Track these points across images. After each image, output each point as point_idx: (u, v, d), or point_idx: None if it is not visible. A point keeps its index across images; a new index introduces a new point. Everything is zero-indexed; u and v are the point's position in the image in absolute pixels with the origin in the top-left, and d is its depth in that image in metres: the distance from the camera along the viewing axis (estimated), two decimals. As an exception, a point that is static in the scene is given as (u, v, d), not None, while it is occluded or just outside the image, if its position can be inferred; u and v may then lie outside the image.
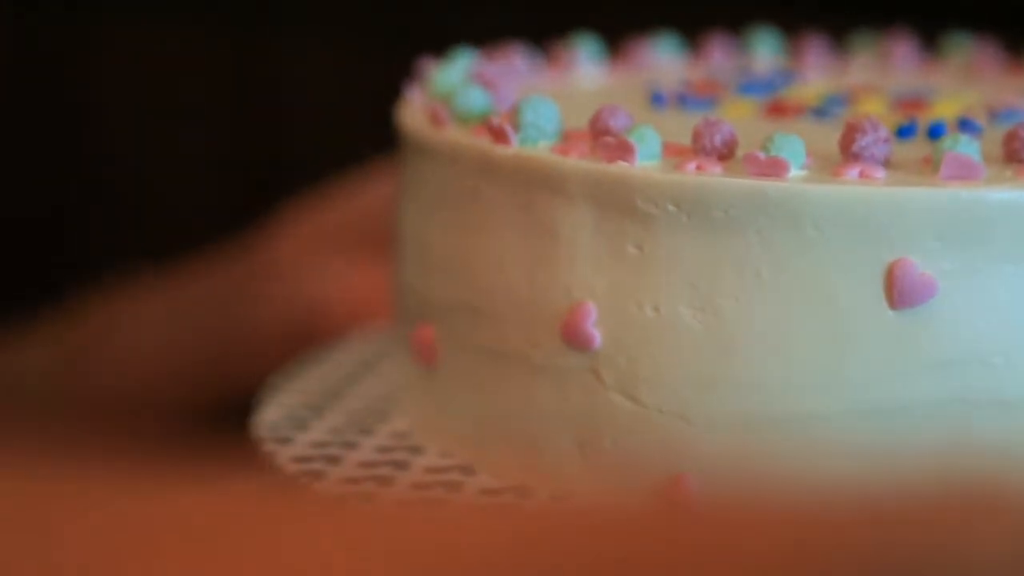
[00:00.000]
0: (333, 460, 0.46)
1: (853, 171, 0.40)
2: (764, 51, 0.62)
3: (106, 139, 1.09)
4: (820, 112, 0.50)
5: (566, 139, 0.44)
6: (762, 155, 0.40)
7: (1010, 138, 0.42)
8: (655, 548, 0.22)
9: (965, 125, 0.45)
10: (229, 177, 1.08)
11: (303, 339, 0.58)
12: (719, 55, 0.61)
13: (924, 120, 0.47)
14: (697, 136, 0.42)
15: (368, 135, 0.62)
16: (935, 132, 0.45)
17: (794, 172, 0.40)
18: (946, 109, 0.50)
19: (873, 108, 0.51)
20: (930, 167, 0.41)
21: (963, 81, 0.58)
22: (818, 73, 0.60)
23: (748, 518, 0.23)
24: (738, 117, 0.47)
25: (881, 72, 0.61)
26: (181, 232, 0.81)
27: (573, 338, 0.42)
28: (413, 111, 0.50)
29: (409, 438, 0.48)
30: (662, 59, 0.61)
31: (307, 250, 0.65)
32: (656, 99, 0.51)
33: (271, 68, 1.05)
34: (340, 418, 0.49)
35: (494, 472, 0.45)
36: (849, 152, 0.41)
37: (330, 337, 0.57)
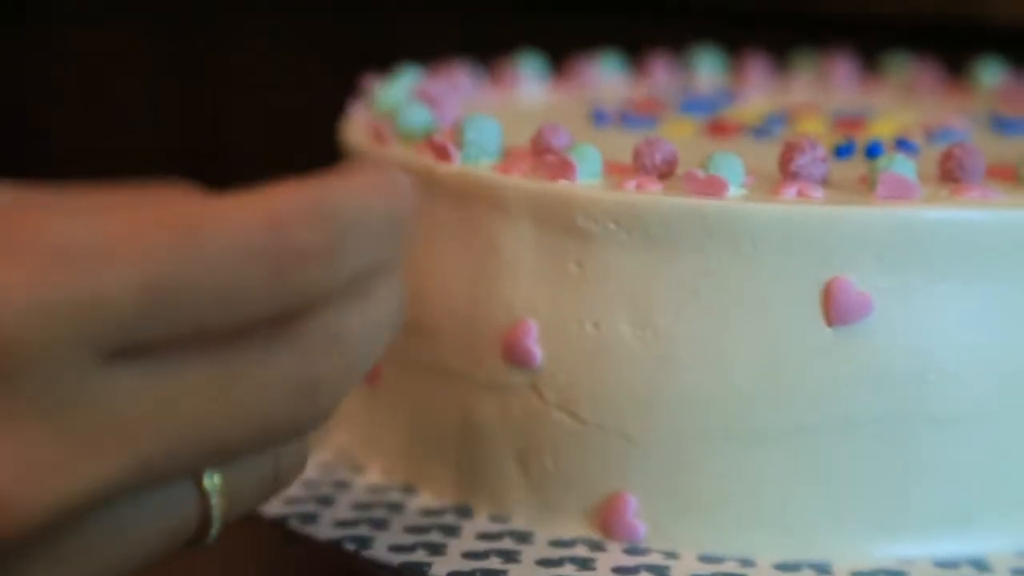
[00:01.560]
0: (275, 477, 0.46)
1: (791, 190, 0.41)
2: (706, 70, 0.63)
3: (49, 140, 1.09)
4: (760, 131, 0.50)
5: (508, 157, 0.44)
6: (701, 174, 0.41)
7: (946, 158, 0.42)
8: None
9: (902, 145, 0.46)
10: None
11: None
12: (661, 74, 0.62)
13: (862, 139, 0.48)
14: (638, 155, 0.42)
15: (313, 148, 0.62)
16: (872, 151, 0.45)
17: (733, 191, 0.41)
18: (884, 128, 0.51)
19: (812, 127, 0.51)
20: (867, 186, 0.41)
21: (901, 101, 0.59)
22: (759, 92, 0.60)
23: None
24: (679, 136, 0.48)
25: (821, 91, 0.61)
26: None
27: (514, 355, 0.42)
28: (357, 127, 0.50)
29: (351, 455, 0.48)
30: (605, 77, 0.61)
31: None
32: (598, 117, 0.52)
33: (217, 79, 1.05)
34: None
35: (435, 490, 0.45)
36: (788, 171, 0.41)
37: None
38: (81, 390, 0.29)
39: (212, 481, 0.33)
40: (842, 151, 0.46)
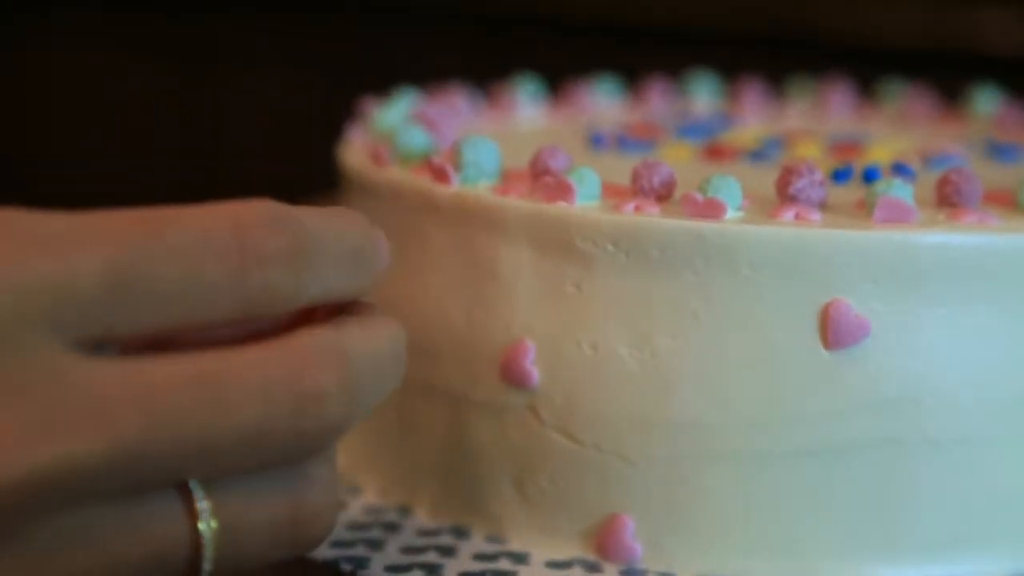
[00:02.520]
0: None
1: (789, 213, 0.41)
2: (702, 95, 0.63)
3: (51, 167, 1.09)
4: (757, 155, 0.50)
5: (506, 179, 0.44)
6: (699, 196, 0.41)
7: (943, 183, 0.42)
8: None
9: (899, 169, 0.46)
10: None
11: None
12: (658, 98, 0.62)
13: (859, 164, 0.48)
14: (636, 177, 0.42)
15: (311, 172, 0.62)
16: (870, 176, 0.45)
17: (731, 213, 0.41)
18: (881, 154, 0.51)
19: (809, 152, 0.51)
20: (864, 210, 0.41)
21: (898, 127, 0.59)
22: (756, 117, 0.60)
23: None
24: (676, 160, 0.48)
25: (817, 117, 0.62)
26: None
27: (511, 376, 0.42)
28: (355, 150, 0.50)
29: (347, 476, 0.48)
30: (602, 102, 0.61)
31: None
32: (595, 141, 0.52)
33: (216, 102, 1.05)
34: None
35: (431, 510, 0.45)
36: (785, 194, 0.41)
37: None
38: (50, 371, 0.29)
39: (206, 511, 0.32)
40: (840, 175, 0.46)
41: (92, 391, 0.30)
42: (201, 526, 0.32)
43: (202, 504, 0.32)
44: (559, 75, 0.64)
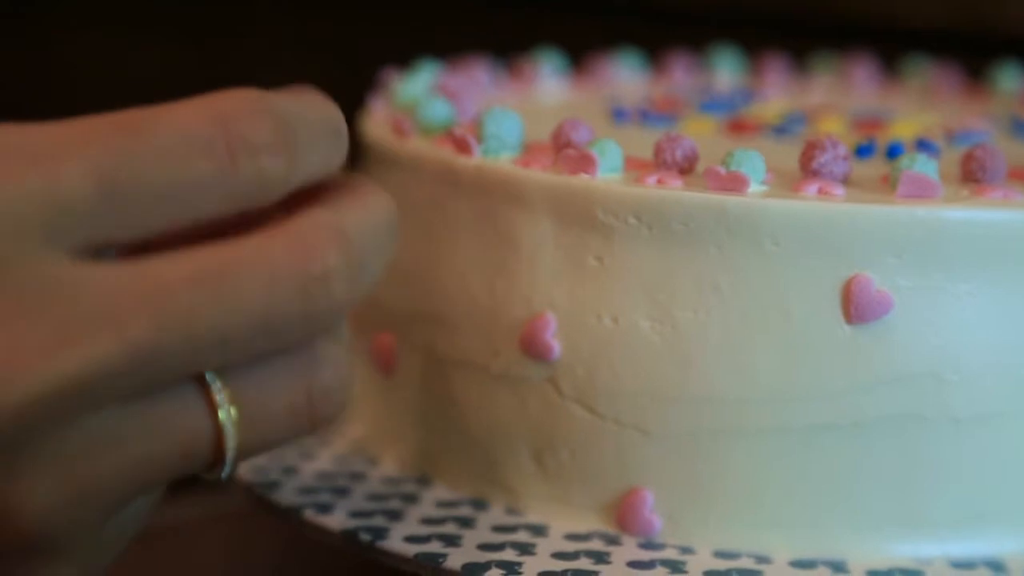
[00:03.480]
0: (290, 471, 0.46)
1: (812, 187, 0.41)
2: (725, 70, 0.63)
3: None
4: (780, 130, 0.50)
5: (528, 151, 0.44)
6: (722, 170, 0.41)
7: (967, 158, 0.42)
8: None
9: (923, 145, 0.46)
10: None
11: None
12: (681, 73, 0.62)
13: (882, 140, 0.48)
14: (659, 150, 0.42)
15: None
16: (893, 151, 0.45)
17: (754, 187, 0.41)
18: (904, 130, 0.51)
19: (832, 127, 0.51)
20: (888, 185, 0.41)
21: (921, 103, 0.59)
22: (778, 92, 0.60)
23: None
24: (699, 134, 0.48)
25: (841, 92, 0.61)
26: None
27: (532, 348, 0.42)
28: (376, 122, 0.50)
29: (366, 447, 0.48)
30: (624, 75, 0.61)
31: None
32: (618, 114, 0.52)
33: (238, 78, 1.05)
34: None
35: (450, 482, 0.45)
36: (809, 169, 0.41)
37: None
38: (55, 282, 0.30)
39: (225, 403, 0.32)
40: (863, 151, 0.46)
41: (100, 296, 0.30)
42: (221, 415, 0.32)
43: (220, 395, 0.32)
44: (581, 49, 0.64)
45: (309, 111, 0.33)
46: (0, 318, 0.29)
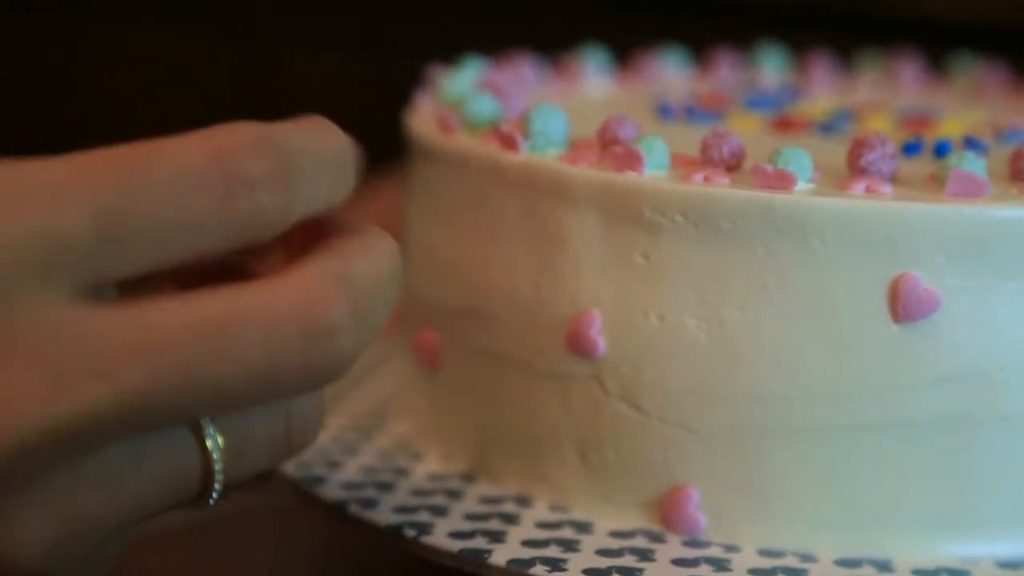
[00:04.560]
0: (335, 466, 0.46)
1: (860, 186, 0.41)
2: (771, 66, 0.62)
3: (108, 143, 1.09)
4: (827, 128, 0.50)
5: (574, 148, 0.44)
6: (770, 168, 0.41)
7: (1016, 157, 0.42)
8: None
9: (971, 143, 0.45)
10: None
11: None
12: (726, 70, 0.62)
13: (930, 138, 0.47)
14: (705, 147, 0.42)
15: (376, 141, 0.62)
16: (941, 150, 0.45)
17: (801, 185, 0.41)
18: (952, 128, 0.50)
19: (879, 125, 0.51)
20: (936, 183, 0.41)
21: (969, 101, 0.59)
22: (824, 89, 0.60)
23: None
24: (745, 131, 0.48)
25: (887, 90, 0.61)
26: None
27: (577, 345, 0.42)
28: (422, 118, 0.50)
29: (410, 442, 0.48)
30: (669, 72, 0.61)
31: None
32: (663, 111, 0.52)
33: (278, 75, 1.05)
34: (343, 419, 0.49)
35: (495, 478, 0.45)
36: (856, 167, 0.41)
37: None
38: (51, 324, 0.29)
39: (214, 438, 0.33)
40: (911, 148, 0.45)
41: (95, 342, 0.30)
42: (210, 448, 0.33)
43: (210, 430, 0.33)
44: (627, 45, 0.64)
45: (313, 144, 0.33)
46: None
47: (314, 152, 0.33)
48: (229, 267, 0.35)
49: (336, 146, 0.34)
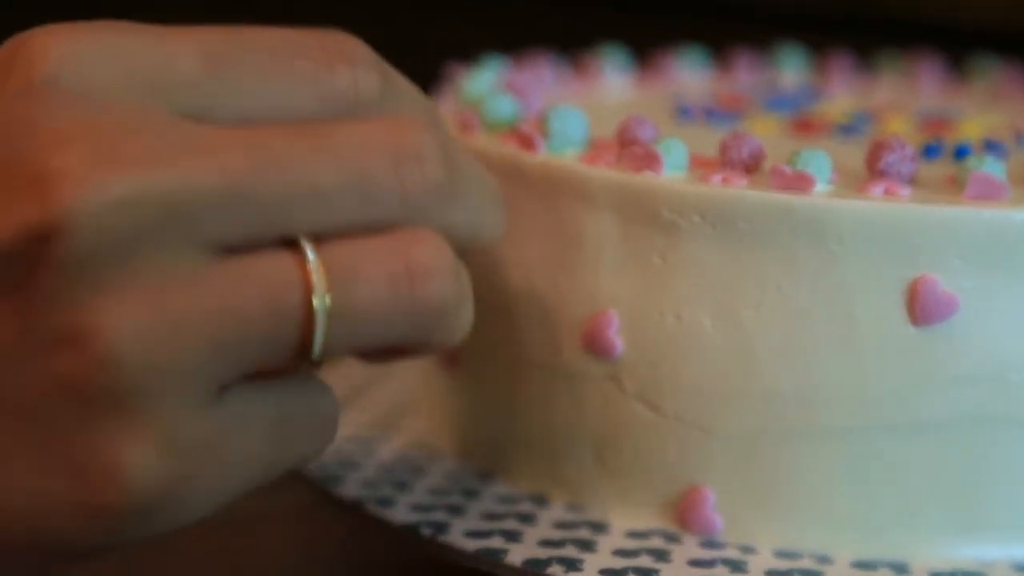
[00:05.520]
0: (352, 465, 0.46)
1: (878, 188, 0.41)
2: (790, 68, 0.62)
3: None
4: (846, 129, 0.50)
5: (593, 148, 0.44)
6: (788, 169, 0.41)
7: (1035, 159, 0.42)
8: None
9: (991, 146, 0.45)
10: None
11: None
12: (745, 71, 0.62)
13: (950, 140, 0.47)
14: (724, 148, 0.42)
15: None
16: (961, 152, 0.45)
17: (820, 187, 0.41)
18: (971, 130, 0.50)
19: (899, 127, 0.51)
20: (955, 186, 0.41)
21: (989, 104, 0.59)
22: (844, 91, 0.60)
23: None
24: (764, 132, 0.48)
25: (907, 92, 0.61)
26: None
27: (595, 345, 0.42)
28: (442, 116, 0.50)
29: (428, 441, 0.48)
30: (688, 73, 0.61)
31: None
32: (682, 112, 0.52)
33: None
34: (361, 418, 0.49)
35: (512, 477, 0.45)
36: (875, 169, 0.41)
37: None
38: (159, 118, 0.31)
39: (311, 249, 0.32)
40: (930, 151, 0.45)
41: (198, 133, 0.31)
42: (311, 268, 0.32)
43: (310, 250, 0.32)
44: (646, 46, 0.64)
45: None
46: (103, 132, 0.30)
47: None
48: None
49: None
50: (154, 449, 0.31)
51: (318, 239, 0.32)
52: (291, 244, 0.32)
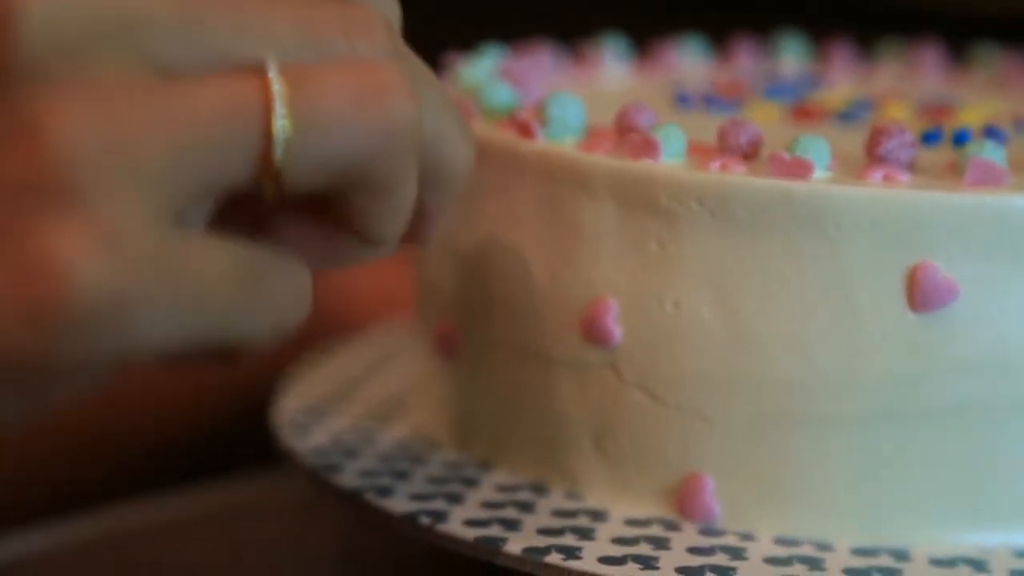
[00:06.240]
0: (351, 454, 0.46)
1: (877, 174, 0.40)
2: (790, 55, 0.62)
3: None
4: (845, 116, 0.50)
5: (591, 136, 0.44)
6: (787, 156, 0.40)
7: (1035, 145, 0.42)
8: None
9: (991, 132, 0.45)
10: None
11: (323, 330, 0.58)
12: (745, 58, 0.62)
13: (949, 127, 0.47)
14: (723, 135, 0.42)
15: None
16: (960, 139, 0.45)
17: (818, 173, 0.41)
18: (972, 117, 0.50)
19: (899, 114, 0.51)
20: (955, 172, 0.41)
21: (990, 91, 0.58)
22: (844, 78, 0.60)
23: None
24: (764, 120, 0.48)
25: (907, 79, 0.61)
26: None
27: (593, 333, 0.42)
28: (439, 105, 0.50)
29: (427, 430, 0.48)
30: (688, 61, 0.61)
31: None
32: (681, 100, 0.51)
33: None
34: (360, 408, 0.49)
35: (510, 466, 0.45)
36: (874, 155, 0.41)
37: (350, 329, 0.57)
38: None
39: (272, 66, 0.31)
40: (930, 137, 0.45)
41: None
42: (271, 77, 0.31)
43: (271, 66, 0.31)
44: (645, 34, 0.63)
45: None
46: None
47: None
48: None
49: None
50: (98, 246, 0.29)
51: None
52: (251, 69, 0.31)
